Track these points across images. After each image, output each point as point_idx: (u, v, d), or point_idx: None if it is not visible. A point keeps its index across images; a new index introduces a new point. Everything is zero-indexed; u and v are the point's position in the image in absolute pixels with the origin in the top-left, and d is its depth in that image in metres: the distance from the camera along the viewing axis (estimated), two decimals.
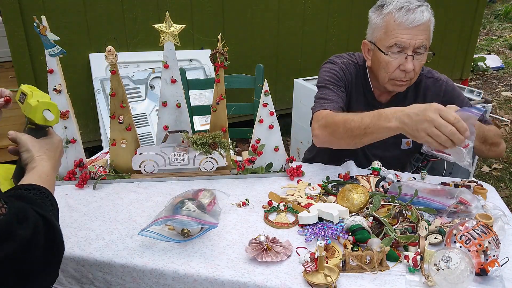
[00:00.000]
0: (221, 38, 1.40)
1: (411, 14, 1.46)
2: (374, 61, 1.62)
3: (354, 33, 3.97)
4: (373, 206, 1.26)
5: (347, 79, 1.70)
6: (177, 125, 1.52)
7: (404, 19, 1.47)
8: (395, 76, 1.57)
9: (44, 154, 0.98)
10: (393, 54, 1.53)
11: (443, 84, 1.70)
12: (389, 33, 1.51)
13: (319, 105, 1.60)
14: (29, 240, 0.74)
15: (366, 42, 1.64)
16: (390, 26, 1.50)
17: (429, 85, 1.70)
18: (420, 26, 1.48)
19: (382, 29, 1.54)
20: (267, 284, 1.03)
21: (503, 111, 4.88)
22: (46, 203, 0.87)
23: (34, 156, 0.97)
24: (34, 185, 0.89)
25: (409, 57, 1.51)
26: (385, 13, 1.51)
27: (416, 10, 1.46)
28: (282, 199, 1.38)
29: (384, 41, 1.54)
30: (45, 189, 0.90)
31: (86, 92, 3.07)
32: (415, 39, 1.49)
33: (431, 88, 1.70)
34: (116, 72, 1.43)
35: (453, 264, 0.97)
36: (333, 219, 1.23)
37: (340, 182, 1.52)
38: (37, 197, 0.86)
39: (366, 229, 1.16)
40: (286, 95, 3.69)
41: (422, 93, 1.71)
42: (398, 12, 1.48)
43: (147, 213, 1.34)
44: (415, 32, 1.48)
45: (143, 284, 1.12)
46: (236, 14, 3.47)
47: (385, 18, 1.52)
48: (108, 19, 3.04)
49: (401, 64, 1.53)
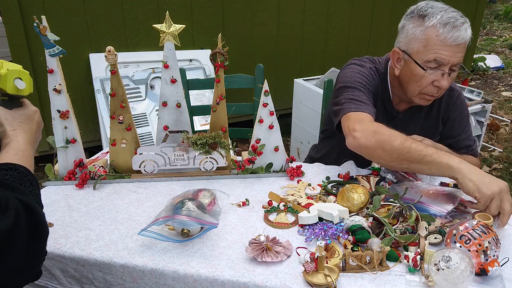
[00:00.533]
0: (221, 38, 1.40)
1: (456, 31, 1.40)
2: (405, 72, 1.55)
3: (354, 33, 3.97)
4: (373, 206, 1.26)
5: (374, 85, 1.65)
6: (177, 125, 1.52)
7: (448, 35, 1.40)
8: (427, 91, 1.52)
9: (18, 128, 0.92)
10: (431, 69, 1.47)
11: (456, 94, 1.70)
12: (430, 48, 1.44)
13: (354, 106, 1.50)
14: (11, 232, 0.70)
15: (397, 51, 1.56)
16: (432, 41, 1.43)
17: (444, 95, 1.65)
18: (461, 44, 1.43)
19: (421, 42, 1.46)
20: (267, 284, 1.03)
21: (503, 111, 4.88)
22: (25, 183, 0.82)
23: (7, 130, 0.91)
24: (9, 164, 0.84)
25: (446, 75, 1.47)
26: (427, 26, 1.44)
27: (461, 28, 1.41)
28: (282, 199, 1.38)
29: (422, 55, 1.47)
30: (23, 168, 0.84)
31: (86, 92, 3.07)
32: (455, 57, 1.44)
33: (445, 98, 1.68)
34: (116, 72, 1.43)
35: (453, 264, 0.97)
36: (333, 219, 1.23)
37: (340, 182, 1.52)
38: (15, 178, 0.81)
39: (366, 229, 1.16)
40: (286, 95, 3.69)
41: (438, 103, 1.68)
42: (443, 28, 1.40)
43: (147, 213, 1.34)
44: (456, 49, 1.43)
45: (143, 284, 1.12)
46: (236, 14, 3.47)
47: (427, 31, 1.44)
48: (108, 19, 3.04)
49: (435, 80, 1.48)
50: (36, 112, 1.00)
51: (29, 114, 0.98)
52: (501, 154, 3.89)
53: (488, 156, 3.86)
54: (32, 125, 0.96)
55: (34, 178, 0.86)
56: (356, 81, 1.59)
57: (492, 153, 3.90)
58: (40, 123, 1.02)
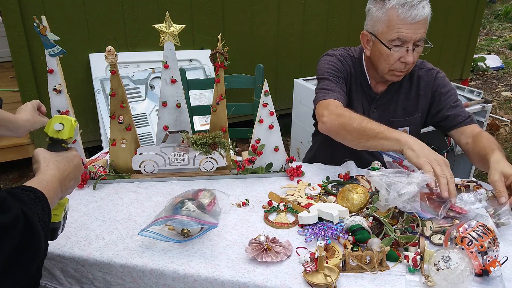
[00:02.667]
0: (221, 38, 1.40)
1: (414, 10, 1.49)
2: (374, 52, 1.66)
3: (354, 33, 3.97)
4: (373, 206, 1.26)
5: (346, 70, 1.76)
6: (177, 125, 1.52)
7: (407, 14, 1.50)
8: (395, 67, 1.62)
9: (52, 165, 0.95)
10: (395, 47, 1.57)
11: (435, 72, 1.77)
12: (392, 28, 1.55)
13: (322, 95, 1.64)
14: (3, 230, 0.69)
15: (365, 33, 1.67)
16: (393, 21, 1.54)
17: (422, 75, 1.76)
18: (421, 21, 1.52)
19: (384, 23, 1.57)
20: (267, 284, 1.03)
21: (503, 111, 4.88)
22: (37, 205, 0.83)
23: (41, 166, 0.94)
24: (30, 187, 0.86)
25: (410, 51, 1.56)
26: (387, 8, 1.54)
27: (419, 6, 1.50)
28: (282, 199, 1.38)
29: (386, 35, 1.57)
30: (41, 193, 0.86)
31: (86, 92, 3.07)
32: (416, 33, 1.54)
33: (423, 78, 1.76)
34: (116, 72, 1.43)
35: (453, 264, 0.97)
36: (333, 219, 1.23)
37: (340, 182, 1.52)
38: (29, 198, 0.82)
39: (366, 229, 1.16)
40: (286, 95, 3.69)
41: (416, 83, 1.76)
42: (402, 8, 1.50)
43: (147, 213, 1.34)
44: (416, 26, 1.52)
45: (143, 284, 1.12)
46: (236, 14, 3.47)
47: (388, 12, 1.54)
48: (108, 19, 3.04)
49: (401, 57, 1.58)
50: (76, 156, 1.02)
51: (68, 156, 1.00)
52: None
53: None
54: (68, 166, 0.98)
55: (47, 206, 0.86)
56: (324, 72, 1.73)
57: None
58: (78, 166, 1.03)
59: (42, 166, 0.94)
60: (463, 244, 1.04)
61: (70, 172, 0.99)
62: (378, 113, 1.78)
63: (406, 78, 1.75)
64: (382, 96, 1.77)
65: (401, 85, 1.76)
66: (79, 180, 1.05)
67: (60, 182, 0.93)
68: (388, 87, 1.76)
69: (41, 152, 0.97)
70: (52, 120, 1.01)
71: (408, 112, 1.78)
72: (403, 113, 1.78)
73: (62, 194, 0.96)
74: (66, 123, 1.01)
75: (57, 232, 0.99)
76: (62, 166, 0.97)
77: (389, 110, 1.78)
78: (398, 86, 1.76)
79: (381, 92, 1.77)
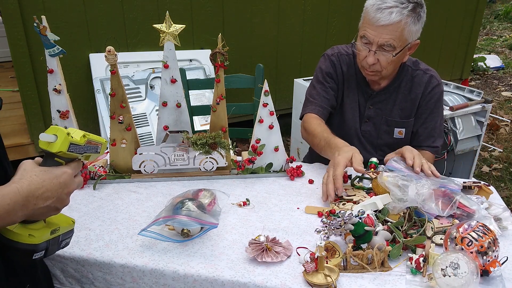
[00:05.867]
0: (221, 38, 1.40)
1: (378, 13, 1.51)
2: None
3: (354, 33, 3.95)
4: (385, 210, 1.26)
5: (337, 71, 1.79)
6: (177, 125, 1.52)
7: (371, 16, 1.53)
8: (363, 65, 1.66)
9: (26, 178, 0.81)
10: (362, 44, 1.61)
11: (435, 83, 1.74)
12: (363, 25, 1.60)
13: (304, 106, 1.82)
14: None
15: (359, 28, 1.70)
16: (364, 19, 1.58)
17: (424, 80, 1.75)
18: (387, 27, 1.51)
19: (362, 19, 1.62)
20: (267, 285, 1.03)
21: (503, 111, 4.88)
22: None
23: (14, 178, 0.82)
24: None
25: (371, 52, 1.58)
26: (365, 6, 1.58)
27: (385, 11, 1.49)
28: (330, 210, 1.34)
29: (359, 31, 1.63)
30: None
31: (86, 92, 3.06)
32: (379, 37, 1.54)
33: (424, 83, 1.75)
34: (116, 72, 1.43)
35: (461, 272, 0.95)
36: (378, 207, 1.26)
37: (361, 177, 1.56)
38: None
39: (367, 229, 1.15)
40: (286, 95, 3.69)
41: (416, 86, 1.75)
42: (371, 8, 1.53)
43: (147, 213, 1.34)
44: (380, 30, 1.53)
45: (143, 284, 1.12)
46: (236, 14, 3.47)
47: (364, 10, 1.58)
48: (108, 19, 3.04)
49: (366, 56, 1.61)
50: (65, 173, 0.88)
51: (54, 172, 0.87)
52: (501, 154, 3.89)
53: (488, 156, 3.86)
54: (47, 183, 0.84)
55: None
56: (315, 77, 1.83)
57: (492, 153, 3.90)
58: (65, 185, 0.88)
59: (14, 178, 0.82)
60: (463, 244, 1.04)
61: (48, 191, 0.84)
62: (374, 110, 1.78)
63: (405, 79, 1.75)
64: (379, 93, 1.77)
65: (400, 85, 1.76)
66: (64, 200, 0.89)
67: (25, 199, 0.79)
68: (387, 86, 1.76)
69: (25, 164, 0.86)
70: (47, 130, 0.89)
71: (405, 114, 1.77)
72: (399, 114, 1.77)
73: (30, 213, 0.82)
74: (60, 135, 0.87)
75: (32, 255, 0.86)
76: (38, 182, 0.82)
77: (386, 109, 1.78)
78: (397, 85, 1.76)
79: (378, 89, 1.77)
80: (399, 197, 1.24)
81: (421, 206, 1.22)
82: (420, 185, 1.24)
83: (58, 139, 0.87)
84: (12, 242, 0.84)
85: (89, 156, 0.98)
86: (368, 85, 1.78)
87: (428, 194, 1.22)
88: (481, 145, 2.85)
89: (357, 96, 1.79)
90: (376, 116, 1.78)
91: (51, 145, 0.87)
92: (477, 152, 2.83)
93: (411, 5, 1.52)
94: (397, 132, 1.80)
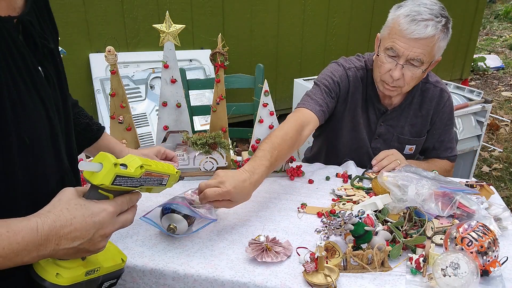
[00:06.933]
0: (221, 38, 1.40)
1: (413, 25, 1.42)
2: (375, 57, 1.60)
3: (354, 33, 3.97)
4: (385, 210, 1.26)
5: (345, 87, 1.67)
6: (177, 125, 1.52)
7: (404, 27, 1.43)
8: (385, 79, 1.56)
9: (54, 212, 0.71)
10: (387, 57, 1.51)
11: (446, 96, 1.71)
12: (391, 36, 1.49)
13: (302, 102, 1.63)
14: None
15: (378, 36, 1.60)
16: (394, 30, 1.48)
17: (435, 94, 1.70)
18: (420, 40, 1.43)
19: (388, 29, 1.51)
20: (267, 285, 1.03)
21: (503, 111, 4.88)
22: None
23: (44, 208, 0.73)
24: None
25: (398, 66, 1.49)
26: (396, 14, 1.48)
27: (420, 23, 1.42)
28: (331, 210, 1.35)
29: (385, 41, 1.52)
30: None
31: (86, 92, 3.06)
32: (410, 51, 1.45)
33: (436, 97, 1.70)
34: (116, 72, 1.43)
35: (461, 272, 0.95)
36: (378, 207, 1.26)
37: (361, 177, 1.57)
38: None
39: (367, 228, 1.15)
40: (286, 95, 3.69)
41: (427, 101, 1.71)
42: (404, 18, 1.44)
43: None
44: (412, 43, 1.44)
45: (143, 284, 1.12)
46: (236, 14, 3.47)
47: (394, 19, 1.48)
48: (108, 19, 3.04)
49: (391, 69, 1.52)
50: (103, 211, 0.75)
51: (91, 208, 0.74)
52: (501, 154, 3.89)
53: (488, 156, 3.86)
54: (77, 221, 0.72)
55: None
56: (322, 79, 1.67)
57: (492, 153, 3.90)
58: (101, 224, 0.75)
59: (43, 209, 0.72)
60: (463, 244, 1.04)
61: (77, 230, 0.72)
62: (385, 128, 1.73)
63: (417, 94, 1.69)
64: (392, 111, 1.70)
65: (412, 101, 1.70)
66: (98, 242, 0.76)
67: (44, 238, 0.69)
68: (401, 103, 1.70)
69: (63, 193, 0.75)
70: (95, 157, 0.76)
71: (416, 131, 1.73)
72: (410, 130, 1.72)
73: (50, 254, 0.71)
74: (106, 164, 0.74)
75: None
76: (66, 218, 0.71)
77: (397, 126, 1.72)
78: (410, 101, 1.70)
79: (391, 106, 1.71)
80: (399, 197, 1.24)
81: (421, 206, 1.22)
82: (420, 185, 1.24)
83: (104, 169, 0.73)
84: (38, 278, 0.74)
85: (151, 188, 0.85)
86: (379, 100, 1.70)
87: (428, 194, 1.22)
88: (481, 145, 2.85)
89: (368, 113, 1.72)
90: (387, 133, 1.73)
91: (94, 175, 0.74)
92: (477, 152, 2.83)
93: (444, 19, 1.46)
94: (407, 148, 1.76)
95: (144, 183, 0.81)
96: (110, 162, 0.73)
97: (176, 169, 0.90)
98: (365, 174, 1.59)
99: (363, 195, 1.42)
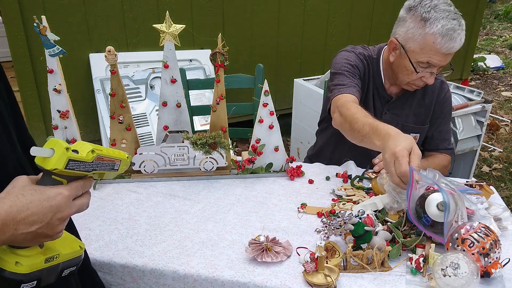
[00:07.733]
0: (221, 38, 1.40)
1: (452, 42, 1.48)
2: (398, 64, 1.64)
3: (354, 33, 3.97)
4: (384, 210, 1.26)
5: (363, 68, 1.74)
6: (177, 125, 1.52)
7: (444, 45, 1.49)
8: (415, 83, 1.65)
9: (9, 198, 0.70)
10: (421, 68, 1.58)
11: (446, 88, 1.81)
12: (425, 52, 1.53)
13: (337, 91, 1.62)
14: None
15: (395, 42, 1.62)
16: (428, 46, 1.51)
17: (436, 86, 1.77)
18: (454, 52, 1.53)
19: (419, 44, 1.54)
20: (267, 285, 1.03)
21: (503, 111, 4.88)
22: None
23: None
24: None
25: (433, 75, 1.60)
26: (427, 32, 1.49)
27: (456, 39, 1.48)
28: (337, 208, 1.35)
29: (416, 55, 1.55)
30: None
31: (86, 92, 3.06)
32: (445, 61, 1.56)
33: (437, 88, 1.78)
34: (116, 72, 1.43)
35: (461, 272, 0.95)
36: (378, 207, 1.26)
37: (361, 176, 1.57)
38: None
39: (367, 228, 1.15)
40: (286, 95, 3.69)
41: (429, 91, 1.77)
42: (441, 38, 1.48)
43: (147, 213, 1.34)
44: (448, 57, 1.55)
45: (143, 284, 1.12)
46: (236, 14, 3.47)
47: (426, 36, 1.50)
48: (108, 19, 3.04)
49: (423, 76, 1.60)
50: (59, 195, 0.75)
51: (47, 193, 0.74)
52: (501, 154, 3.89)
53: (488, 156, 3.86)
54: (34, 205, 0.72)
55: None
56: (341, 67, 1.70)
57: (492, 153, 3.90)
58: (57, 208, 0.75)
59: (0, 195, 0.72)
60: (465, 245, 1.03)
61: (34, 214, 0.71)
62: (390, 116, 1.77)
63: None
64: (397, 99, 1.76)
65: (415, 91, 1.74)
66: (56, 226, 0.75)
67: (1, 223, 0.68)
68: (404, 92, 1.76)
69: (17, 180, 0.75)
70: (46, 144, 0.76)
71: (420, 120, 1.78)
72: (414, 119, 1.78)
73: (8, 239, 0.70)
74: (57, 149, 0.74)
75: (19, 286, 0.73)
76: (22, 204, 0.71)
77: (402, 114, 1.77)
78: (412, 92, 1.75)
79: (395, 94, 1.77)
80: (395, 199, 1.24)
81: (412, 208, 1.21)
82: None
83: (56, 154, 0.74)
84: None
85: (103, 174, 0.86)
86: (385, 89, 1.76)
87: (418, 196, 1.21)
88: (481, 145, 2.85)
89: (374, 101, 1.77)
90: (392, 121, 1.74)
91: (46, 160, 0.74)
92: (477, 152, 2.83)
93: (462, 21, 1.52)
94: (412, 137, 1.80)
95: (96, 168, 0.82)
96: (61, 147, 0.74)
97: (127, 155, 0.90)
98: (365, 174, 1.59)
99: (363, 195, 1.42)
